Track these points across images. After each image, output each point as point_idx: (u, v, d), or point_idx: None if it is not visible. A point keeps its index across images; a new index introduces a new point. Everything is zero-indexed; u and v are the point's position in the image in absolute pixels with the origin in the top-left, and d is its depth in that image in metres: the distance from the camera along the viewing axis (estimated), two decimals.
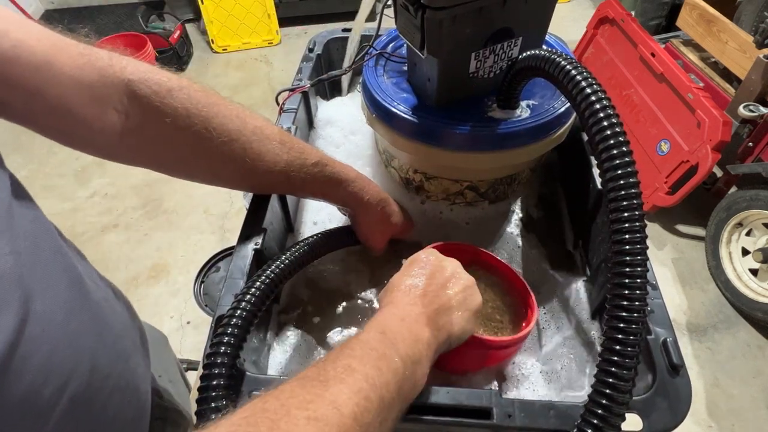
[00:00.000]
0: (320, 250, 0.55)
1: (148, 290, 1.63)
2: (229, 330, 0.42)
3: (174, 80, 0.44)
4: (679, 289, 1.61)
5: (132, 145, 0.45)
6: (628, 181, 0.38)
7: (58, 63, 0.37)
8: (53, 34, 0.38)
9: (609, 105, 0.41)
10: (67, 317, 0.35)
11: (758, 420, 1.31)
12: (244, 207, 0.57)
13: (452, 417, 0.41)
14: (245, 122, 0.48)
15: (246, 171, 0.49)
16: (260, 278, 0.46)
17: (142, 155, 0.47)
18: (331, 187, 0.54)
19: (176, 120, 0.44)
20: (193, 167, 0.50)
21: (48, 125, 0.40)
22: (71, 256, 0.39)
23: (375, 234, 0.59)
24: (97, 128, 0.42)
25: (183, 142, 0.46)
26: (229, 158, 0.48)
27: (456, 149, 0.58)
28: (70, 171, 2.08)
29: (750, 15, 1.67)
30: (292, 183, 0.52)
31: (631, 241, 0.38)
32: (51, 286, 0.35)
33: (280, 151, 0.50)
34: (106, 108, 0.41)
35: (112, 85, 0.41)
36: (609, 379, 0.36)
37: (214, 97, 0.47)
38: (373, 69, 0.66)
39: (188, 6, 2.89)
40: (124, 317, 0.47)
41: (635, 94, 1.75)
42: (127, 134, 0.44)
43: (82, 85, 0.39)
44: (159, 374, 0.59)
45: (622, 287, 0.38)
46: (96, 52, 0.41)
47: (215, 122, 0.46)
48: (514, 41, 0.56)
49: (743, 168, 1.47)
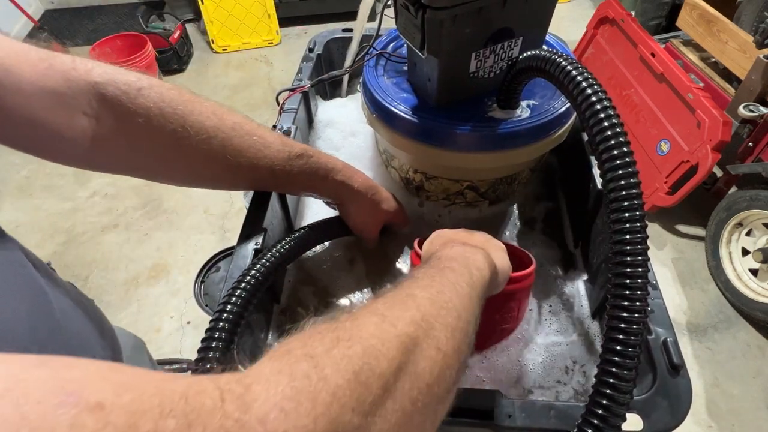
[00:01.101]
0: (310, 243, 0.57)
1: (148, 290, 1.63)
2: (216, 334, 0.42)
3: (143, 79, 0.43)
4: (679, 289, 1.61)
5: (107, 150, 0.43)
6: (629, 181, 0.38)
7: (17, 70, 0.35)
8: (10, 41, 0.36)
9: (610, 105, 0.41)
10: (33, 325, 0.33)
11: (758, 420, 1.31)
12: (244, 207, 0.57)
13: (453, 417, 0.41)
14: (222, 119, 0.47)
15: (228, 168, 0.48)
16: (249, 273, 0.47)
17: (118, 161, 0.46)
18: (319, 179, 0.53)
19: (150, 120, 0.42)
20: (173, 169, 0.48)
21: (14, 137, 0.38)
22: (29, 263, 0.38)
23: (367, 223, 0.59)
24: (68, 136, 0.40)
25: (159, 142, 0.44)
26: (209, 156, 0.47)
27: (456, 149, 0.58)
28: (70, 171, 2.08)
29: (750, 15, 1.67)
30: (278, 177, 0.51)
31: (632, 241, 0.38)
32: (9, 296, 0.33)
33: (261, 146, 0.49)
34: (74, 114, 0.39)
35: (78, 89, 0.39)
36: (609, 380, 0.36)
37: (187, 95, 0.45)
38: (374, 69, 0.66)
39: (188, 6, 2.89)
40: (90, 324, 0.44)
41: (635, 94, 1.75)
42: (100, 140, 0.42)
43: (45, 91, 0.37)
44: None
45: (623, 287, 0.37)
46: (58, 56, 0.39)
47: (191, 120, 0.44)
48: (515, 41, 0.56)
49: (743, 168, 1.47)
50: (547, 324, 0.57)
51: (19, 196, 1.97)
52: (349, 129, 0.79)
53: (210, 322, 0.43)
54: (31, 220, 1.87)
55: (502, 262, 0.44)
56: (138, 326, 1.51)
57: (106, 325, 0.50)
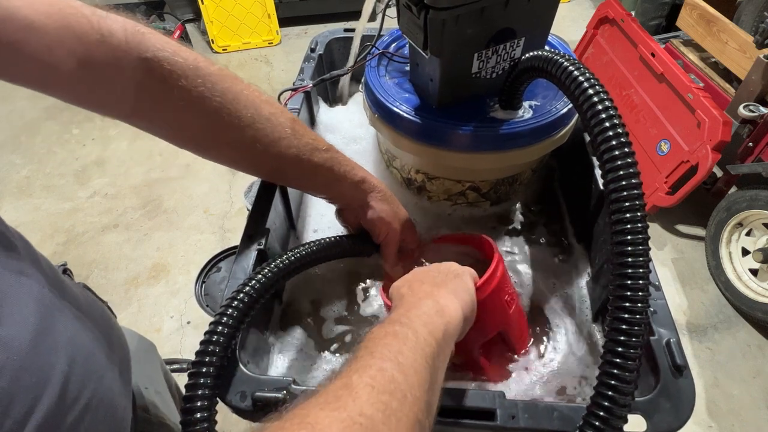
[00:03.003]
0: (326, 256, 0.54)
1: (148, 290, 1.62)
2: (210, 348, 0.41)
3: (190, 60, 0.44)
4: (679, 289, 1.61)
5: (144, 119, 0.45)
6: (630, 181, 0.38)
7: (69, 43, 0.37)
8: (63, 8, 0.37)
9: (611, 105, 0.41)
10: (34, 341, 0.34)
11: (758, 420, 1.31)
12: (244, 207, 0.57)
13: (456, 418, 0.41)
14: (259, 109, 0.48)
15: (255, 155, 0.49)
16: (256, 277, 0.47)
17: (153, 128, 0.47)
18: (340, 174, 0.53)
19: (191, 102, 0.44)
20: (202, 148, 0.50)
21: (60, 91, 0.40)
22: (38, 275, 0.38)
23: (391, 224, 0.56)
24: (109, 102, 0.42)
25: (195, 123, 0.46)
26: (239, 142, 0.48)
27: (458, 149, 0.58)
28: (70, 171, 2.08)
29: (750, 15, 1.67)
30: (303, 168, 0.51)
31: (633, 242, 0.37)
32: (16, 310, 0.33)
33: (292, 137, 0.50)
34: (117, 87, 0.41)
35: (128, 65, 0.41)
36: (611, 381, 0.36)
37: (229, 79, 0.46)
38: (376, 69, 0.66)
39: (188, 6, 2.89)
40: (98, 333, 0.45)
41: (635, 94, 1.75)
42: (140, 110, 0.44)
43: (93, 67, 0.39)
44: (145, 386, 0.57)
45: (624, 288, 0.37)
46: (110, 28, 0.40)
47: (230, 108, 0.46)
48: (517, 41, 0.56)
49: (743, 168, 1.47)
50: (548, 325, 0.57)
51: (19, 196, 1.96)
52: (350, 133, 0.79)
53: (210, 324, 0.43)
54: (31, 220, 1.87)
55: (467, 299, 0.42)
56: (138, 326, 1.51)
57: (116, 333, 0.50)
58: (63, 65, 0.37)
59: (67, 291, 0.41)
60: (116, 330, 0.51)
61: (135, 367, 0.52)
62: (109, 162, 2.11)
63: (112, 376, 0.44)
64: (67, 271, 0.58)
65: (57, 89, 0.39)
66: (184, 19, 2.81)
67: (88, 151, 2.17)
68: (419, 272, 0.45)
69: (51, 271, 0.40)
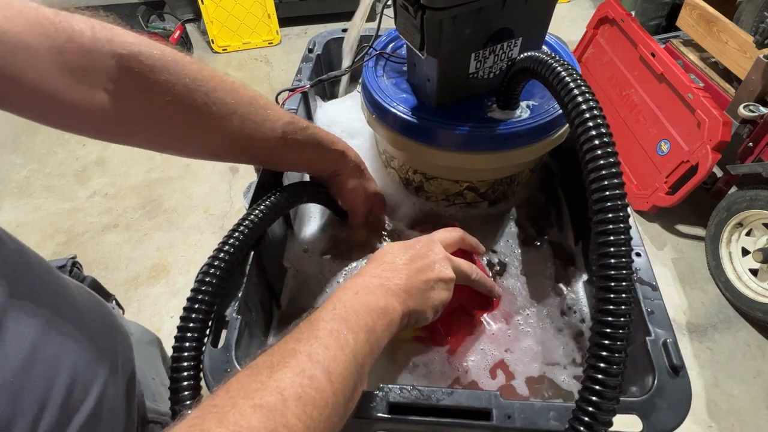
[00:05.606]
0: (294, 201, 0.56)
1: (148, 290, 1.63)
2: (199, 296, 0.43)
3: (168, 53, 0.42)
4: (679, 289, 1.61)
5: (125, 124, 0.43)
6: (613, 181, 0.38)
7: (35, 44, 0.34)
8: (30, 12, 0.35)
9: (596, 106, 0.40)
10: (31, 358, 0.34)
11: (758, 420, 1.31)
12: (244, 207, 0.57)
13: (452, 418, 0.41)
14: (240, 94, 0.47)
15: (243, 141, 0.49)
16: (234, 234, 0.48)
17: (136, 134, 0.45)
18: (324, 149, 0.55)
19: (174, 96, 0.42)
20: (190, 144, 0.48)
21: (30, 110, 0.38)
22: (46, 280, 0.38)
23: (359, 196, 0.60)
24: (87, 109, 0.39)
25: (181, 118, 0.44)
26: (227, 131, 0.47)
27: (456, 150, 0.58)
28: (70, 171, 2.08)
29: (750, 15, 1.67)
30: (290, 147, 0.51)
31: (616, 243, 0.37)
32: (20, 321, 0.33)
33: (275, 119, 0.50)
34: (94, 88, 0.39)
35: (101, 63, 0.38)
36: (595, 386, 0.35)
37: (207, 70, 0.45)
38: (373, 69, 0.66)
39: (188, 6, 2.89)
40: (98, 337, 0.44)
41: (635, 94, 1.75)
42: (120, 113, 0.41)
43: (63, 67, 0.36)
44: (152, 377, 0.58)
45: (608, 291, 0.36)
46: (77, 26, 0.37)
47: (213, 96, 0.45)
48: (514, 42, 0.56)
49: (743, 168, 1.47)
50: (546, 325, 0.57)
51: (19, 196, 1.97)
52: (348, 131, 0.79)
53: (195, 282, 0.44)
54: (31, 220, 1.87)
55: (422, 310, 0.43)
56: None
57: (118, 332, 0.50)
58: (29, 73, 0.34)
59: (62, 297, 0.41)
60: (118, 329, 0.51)
61: (139, 359, 0.53)
62: (109, 162, 2.12)
63: (114, 379, 0.44)
64: (76, 264, 0.58)
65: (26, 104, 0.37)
66: (184, 19, 2.81)
67: (88, 151, 2.17)
68: (398, 250, 0.45)
69: (47, 276, 0.40)
